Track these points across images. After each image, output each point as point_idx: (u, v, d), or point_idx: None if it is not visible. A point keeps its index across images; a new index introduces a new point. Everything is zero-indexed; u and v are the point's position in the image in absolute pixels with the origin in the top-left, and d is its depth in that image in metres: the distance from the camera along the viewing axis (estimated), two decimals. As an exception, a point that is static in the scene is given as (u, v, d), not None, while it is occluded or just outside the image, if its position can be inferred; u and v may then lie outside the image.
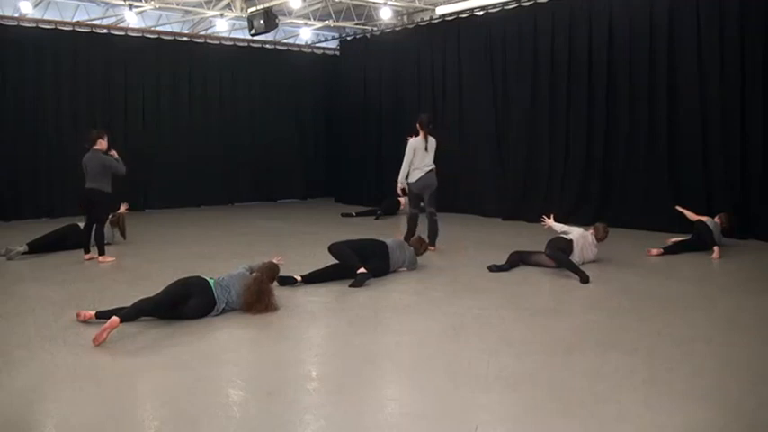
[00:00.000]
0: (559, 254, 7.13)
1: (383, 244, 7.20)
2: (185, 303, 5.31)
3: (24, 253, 8.24)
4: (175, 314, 5.29)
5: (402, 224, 10.19)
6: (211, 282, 5.52)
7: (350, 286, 6.52)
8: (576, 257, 7.28)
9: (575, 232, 7.51)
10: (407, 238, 8.40)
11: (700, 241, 8.19)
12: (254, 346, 4.95)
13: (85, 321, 5.22)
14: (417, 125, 8.65)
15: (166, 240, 9.71)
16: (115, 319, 4.79)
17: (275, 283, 6.01)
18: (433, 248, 8.51)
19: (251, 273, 5.83)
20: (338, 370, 4.36)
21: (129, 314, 4.94)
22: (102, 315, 5.19)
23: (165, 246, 9.27)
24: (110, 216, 8.93)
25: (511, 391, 3.89)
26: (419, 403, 3.78)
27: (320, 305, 6.02)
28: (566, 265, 6.99)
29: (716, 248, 7.96)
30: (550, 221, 7.66)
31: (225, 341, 4.95)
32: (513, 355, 4.52)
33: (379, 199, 13.20)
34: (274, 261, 6.09)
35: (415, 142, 8.57)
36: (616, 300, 6.07)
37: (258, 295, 5.55)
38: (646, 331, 5.03)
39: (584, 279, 6.67)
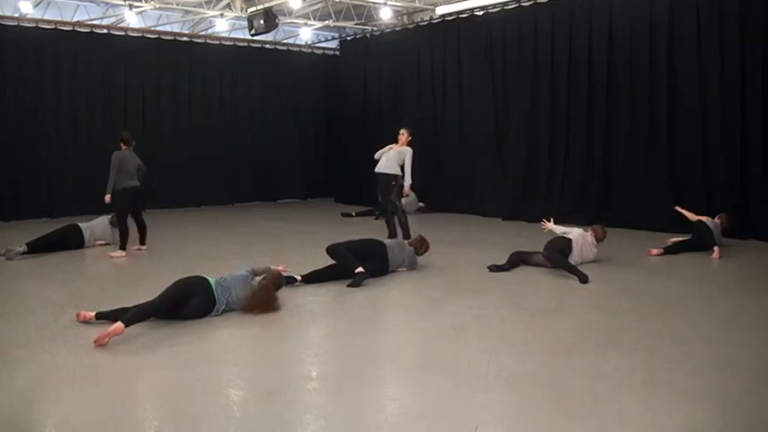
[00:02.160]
0: (556, 255, 7.13)
1: (381, 244, 7.20)
2: (186, 304, 5.31)
3: (24, 253, 8.25)
4: (176, 314, 5.29)
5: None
6: (212, 282, 5.51)
7: (348, 286, 6.51)
8: (575, 257, 7.28)
9: (574, 232, 7.51)
10: (406, 236, 8.55)
11: (700, 241, 8.19)
12: (254, 346, 4.95)
13: (85, 322, 5.22)
14: (409, 136, 9.19)
15: (166, 240, 9.70)
16: (120, 325, 4.76)
17: None
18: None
19: (253, 275, 5.83)
20: (338, 370, 4.36)
21: (132, 319, 4.92)
22: (103, 316, 5.20)
23: (165, 246, 9.27)
24: (111, 216, 8.97)
25: (511, 391, 3.89)
26: (419, 403, 3.78)
27: (320, 305, 6.02)
28: (563, 266, 6.99)
29: (716, 248, 7.96)
30: (550, 224, 7.65)
31: (225, 341, 4.95)
32: (513, 355, 4.52)
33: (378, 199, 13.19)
34: (279, 269, 6.15)
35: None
36: (616, 300, 6.07)
37: (265, 302, 5.58)
38: (646, 331, 5.03)
39: (583, 279, 6.68)
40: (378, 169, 9.18)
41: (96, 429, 3.43)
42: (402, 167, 9.03)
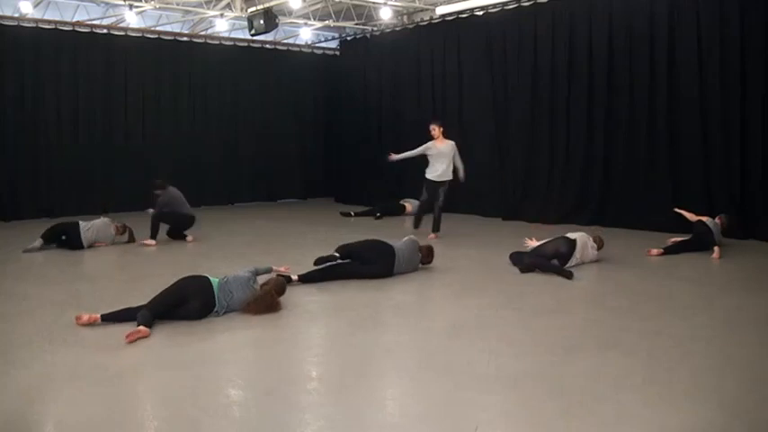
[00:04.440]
0: (539, 260, 7.14)
1: (389, 248, 7.00)
2: (185, 305, 5.30)
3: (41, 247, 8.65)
4: (176, 315, 5.28)
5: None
6: (215, 282, 5.49)
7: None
8: (576, 256, 7.27)
9: (577, 234, 7.47)
10: (435, 230, 9.64)
11: (700, 241, 8.18)
12: (254, 346, 4.94)
13: (90, 324, 5.17)
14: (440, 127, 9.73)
15: (167, 240, 9.69)
16: (146, 329, 4.91)
17: None
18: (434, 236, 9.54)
19: (256, 276, 5.81)
20: (338, 370, 4.36)
21: (148, 320, 4.99)
22: (109, 318, 5.18)
23: (164, 245, 9.27)
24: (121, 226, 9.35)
25: (511, 390, 3.89)
26: (419, 403, 3.78)
27: (320, 305, 6.02)
28: (547, 269, 7.01)
29: (716, 248, 7.96)
30: (533, 242, 7.59)
31: (225, 341, 4.94)
32: (513, 355, 4.52)
33: (379, 198, 13.18)
34: (282, 270, 6.18)
35: None
36: (616, 300, 6.07)
37: (267, 306, 5.56)
38: (646, 331, 5.03)
39: (569, 276, 6.76)
40: (439, 178, 9.63)
41: (96, 429, 3.43)
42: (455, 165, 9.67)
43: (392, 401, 3.89)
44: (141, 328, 4.91)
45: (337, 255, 6.79)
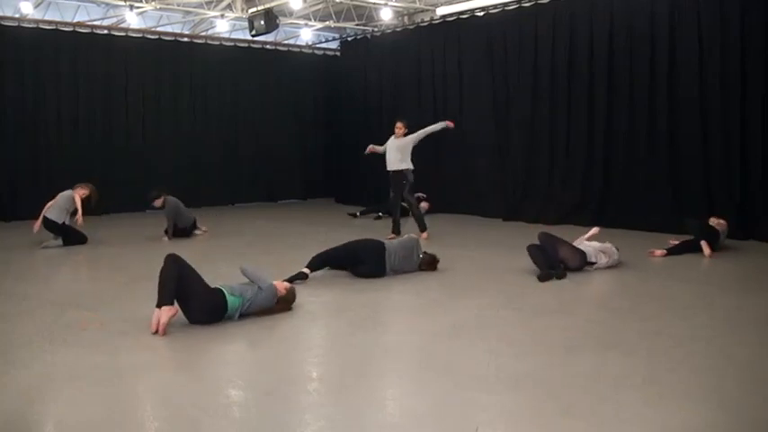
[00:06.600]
0: (546, 252, 7.08)
1: (380, 246, 7.00)
2: (187, 308, 5.22)
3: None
4: (184, 311, 5.21)
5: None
6: (235, 303, 5.24)
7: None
8: (600, 264, 7.27)
9: (610, 251, 7.42)
10: (422, 229, 9.42)
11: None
12: (254, 346, 4.94)
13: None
14: (405, 128, 9.50)
15: (166, 240, 9.69)
16: (173, 308, 4.95)
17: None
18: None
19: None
20: (338, 370, 4.36)
21: (169, 298, 5.00)
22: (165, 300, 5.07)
23: (165, 245, 9.26)
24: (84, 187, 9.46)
25: (511, 390, 3.89)
26: (419, 403, 3.77)
27: (320, 305, 6.02)
28: (541, 263, 6.99)
29: (704, 243, 7.90)
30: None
31: (225, 341, 4.94)
32: (513, 355, 4.51)
33: (378, 199, 13.17)
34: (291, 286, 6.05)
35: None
36: (616, 300, 6.07)
37: (280, 310, 5.53)
38: (646, 331, 5.03)
39: (562, 276, 6.79)
40: (388, 167, 9.57)
41: (96, 429, 3.43)
42: (411, 160, 9.47)
43: (392, 401, 3.89)
44: (168, 308, 4.90)
45: (307, 272, 6.74)
